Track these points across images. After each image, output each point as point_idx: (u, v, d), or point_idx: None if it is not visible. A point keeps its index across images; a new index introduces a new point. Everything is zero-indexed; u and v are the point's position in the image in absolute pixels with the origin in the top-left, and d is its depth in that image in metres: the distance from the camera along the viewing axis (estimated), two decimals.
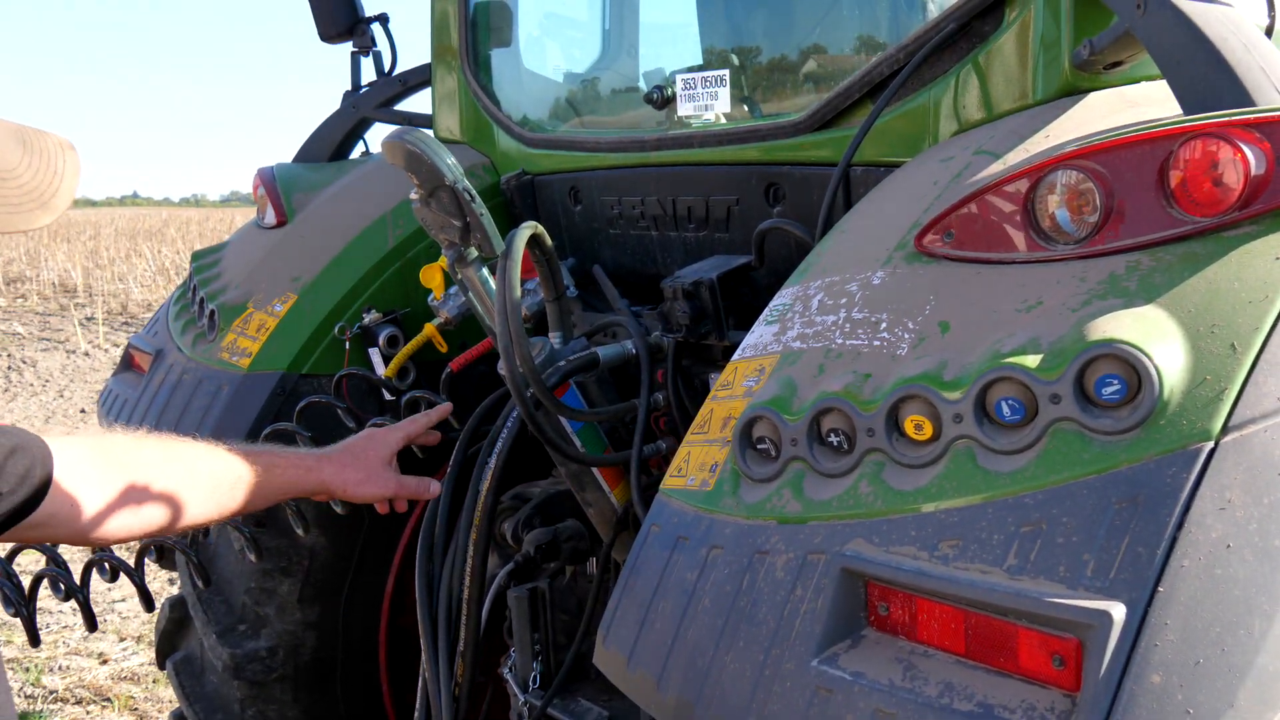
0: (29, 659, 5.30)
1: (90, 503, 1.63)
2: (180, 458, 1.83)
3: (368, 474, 2.07)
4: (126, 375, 3.11)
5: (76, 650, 5.47)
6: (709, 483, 1.48)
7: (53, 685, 5.09)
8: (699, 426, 1.58)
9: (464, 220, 2.04)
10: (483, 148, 3.06)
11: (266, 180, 3.08)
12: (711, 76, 2.33)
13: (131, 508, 1.69)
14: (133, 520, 1.70)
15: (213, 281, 2.97)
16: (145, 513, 1.72)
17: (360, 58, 3.26)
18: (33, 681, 5.08)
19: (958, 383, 1.27)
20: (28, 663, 5.27)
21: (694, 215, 2.44)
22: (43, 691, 5.04)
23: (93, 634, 5.47)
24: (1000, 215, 1.43)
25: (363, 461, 2.07)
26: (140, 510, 1.71)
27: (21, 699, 4.97)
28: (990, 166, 1.53)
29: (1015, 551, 1.14)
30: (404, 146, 2.00)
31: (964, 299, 1.38)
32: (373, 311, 2.77)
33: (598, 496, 2.37)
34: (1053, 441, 1.19)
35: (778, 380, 1.47)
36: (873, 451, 1.32)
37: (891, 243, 1.53)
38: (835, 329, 1.47)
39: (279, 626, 2.92)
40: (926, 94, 1.95)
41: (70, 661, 5.31)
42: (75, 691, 5.03)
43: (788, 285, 1.67)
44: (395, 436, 2.14)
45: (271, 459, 1.97)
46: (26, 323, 16.75)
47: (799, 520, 1.33)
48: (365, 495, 2.08)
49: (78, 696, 4.99)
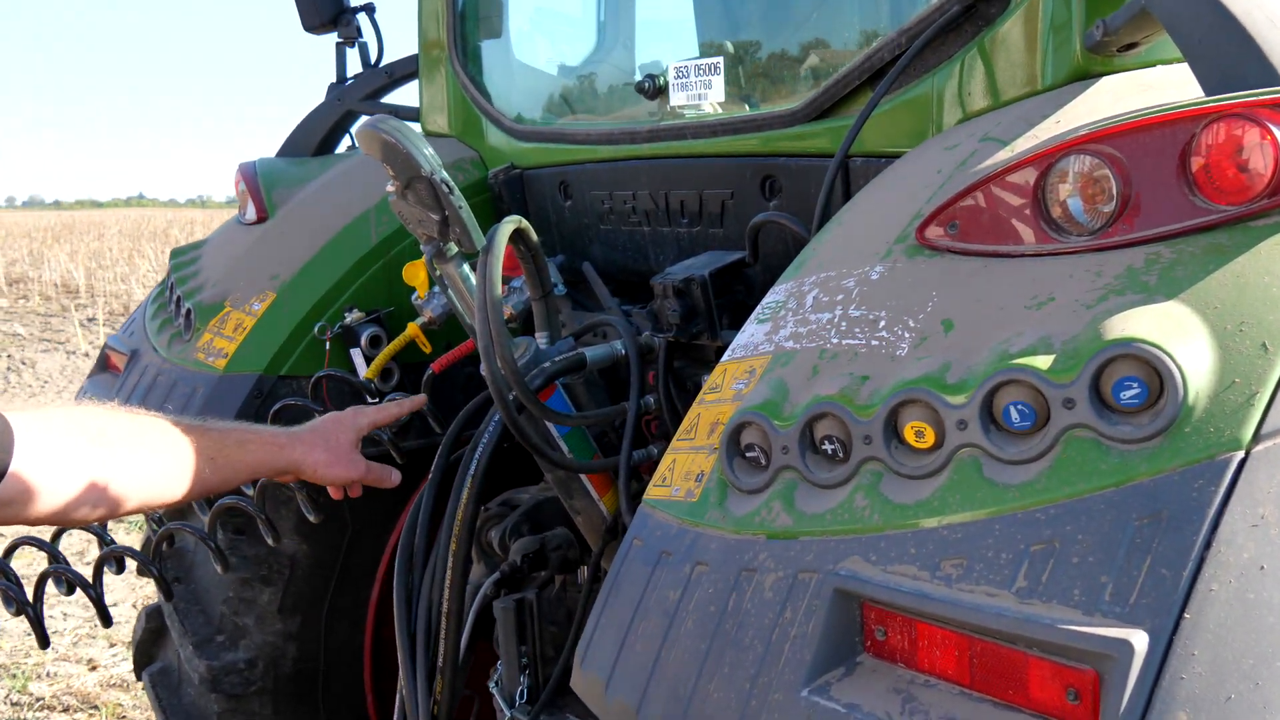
0: (16, 665, 5.21)
1: (59, 479, 1.56)
2: (152, 431, 1.77)
3: (335, 456, 2.02)
4: (102, 376, 3.01)
5: (66, 656, 5.37)
6: (694, 493, 1.38)
7: (40, 692, 4.99)
8: (685, 432, 1.48)
9: (442, 213, 1.94)
10: (471, 141, 2.96)
11: (247, 175, 2.99)
12: (705, 65, 2.23)
13: (103, 483, 1.62)
14: (103, 497, 1.63)
15: (190, 280, 2.88)
16: (117, 488, 1.65)
17: (345, 49, 3.17)
18: (19, 689, 4.99)
19: (962, 386, 1.17)
20: (15, 669, 5.18)
21: (687, 210, 2.34)
22: (29, 699, 4.95)
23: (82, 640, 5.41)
24: (1008, 205, 1.32)
25: (331, 443, 2.02)
26: (112, 486, 1.64)
27: (7, 706, 4.88)
28: (997, 154, 1.42)
29: (1025, 572, 1.04)
30: (378, 136, 1.90)
31: (969, 295, 1.28)
32: (355, 311, 2.67)
33: (586, 504, 2.27)
34: (1066, 450, 1.09)
35: (768, 383, 1.37)
36: (870, 461, 1.22)
37: (891, 235, 1.43)
38: (830, 328, 1.37)
39: (258, 637, 2.83)
40: (929, 80, 1.85)
41: (59, 668, 5.22)
42: (63, 699, 4.95)
43: (781, 281, 1.56)
44: (363, 420, 2.09)
45: (243, 435, 1.93)
46: (27, 323, 16.69)
47: (789, 535, 1.22)
48: (332, 477, 2.03)
49: (65, 704, 4.91)
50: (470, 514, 2.04)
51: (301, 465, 1.98)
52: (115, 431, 1.69)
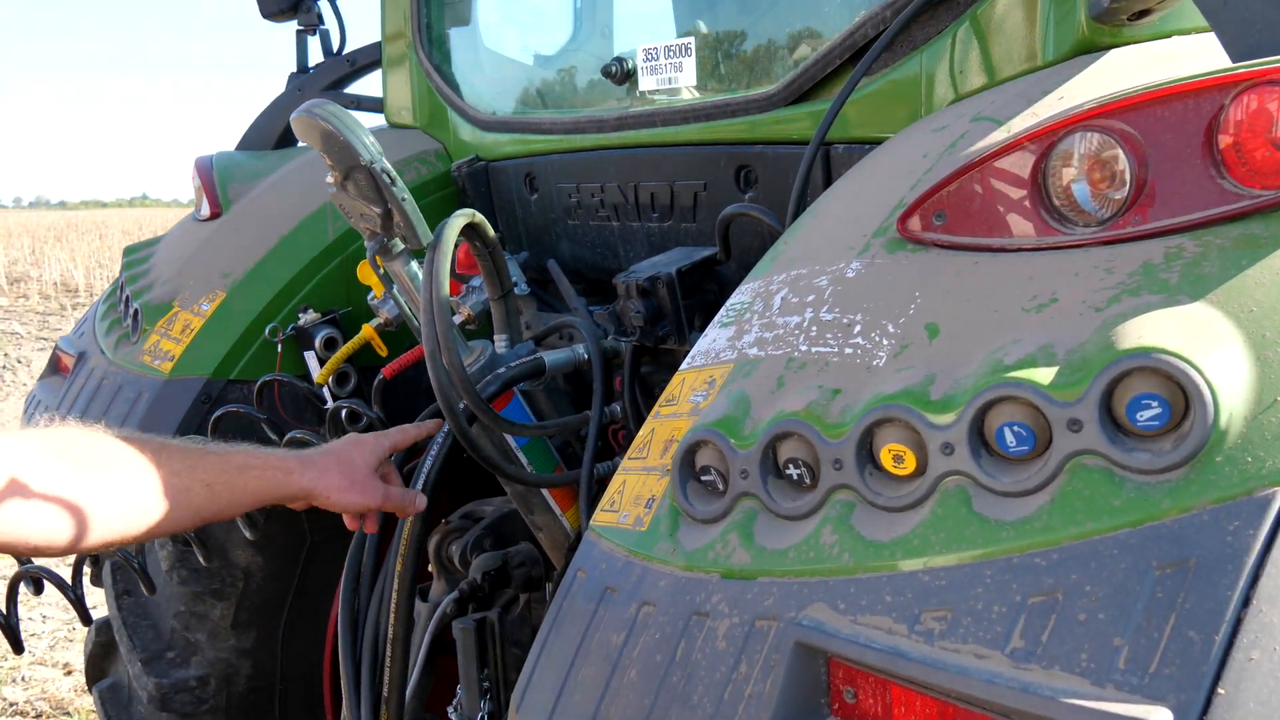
0: None
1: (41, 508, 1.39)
2: (139, 455, 1.58)
3: (353, 480, 1.81)
4: (52, 379, 2.84)
5: (42, 660, 5.25)
6: (644, 521, 1.20)
7: (13, 697, 4.86)
8: (637, 450, 1.31)
9: (385, 206, 1.77)
10: (436, 133, 2.79)
11: (202, 169, 2.82)
12: (676, 46, 2.06)
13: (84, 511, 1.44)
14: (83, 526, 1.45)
15: (140, 278, 2.71)
16: (99, 517, 1.46)
17: (306, 37, 3.00)
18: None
19: (948, 402, 0.99)
20: None
21: (657, 203, 2.16)
22: (2, 704, 4.82)
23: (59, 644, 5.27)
24: (1003, 191, 1.15)
25: (348, 467, 1.82)
26: (94, 514, 1.46)
27: None
28: (991, 134, 1.24)
29: (1021, 630, 0.86)
30: (314, 122, 1.73)
31: (957, 295, 1.10)
32: (309, 311, 2.51)
33: (547, 520, 2.10)
34: (1072, 481, 0.91)
35: (729, 396, 1.19)
36: (840, 489, 1.04)
37: (870, 228, 1.25)
38: (799, 333, 1.19)
39: (210, 654, 2.68)
40: (917, 58, 1.68)
41: (34, 672, 5.09)
42: (35, 704, 4.82)
43: (748, 280, 1.39)
44: (384, 443, 1.89)
45: (246, 459, 1.74)
46: (26, 322, 16.56)
47: (746, 575, 1.05)
48: (348, 504, 1.83)
49: (37, 710, 4.78)
50: (418, 532, 1.87)
51: (314, 491, 1.78)
52: (99, 455, 1.50)
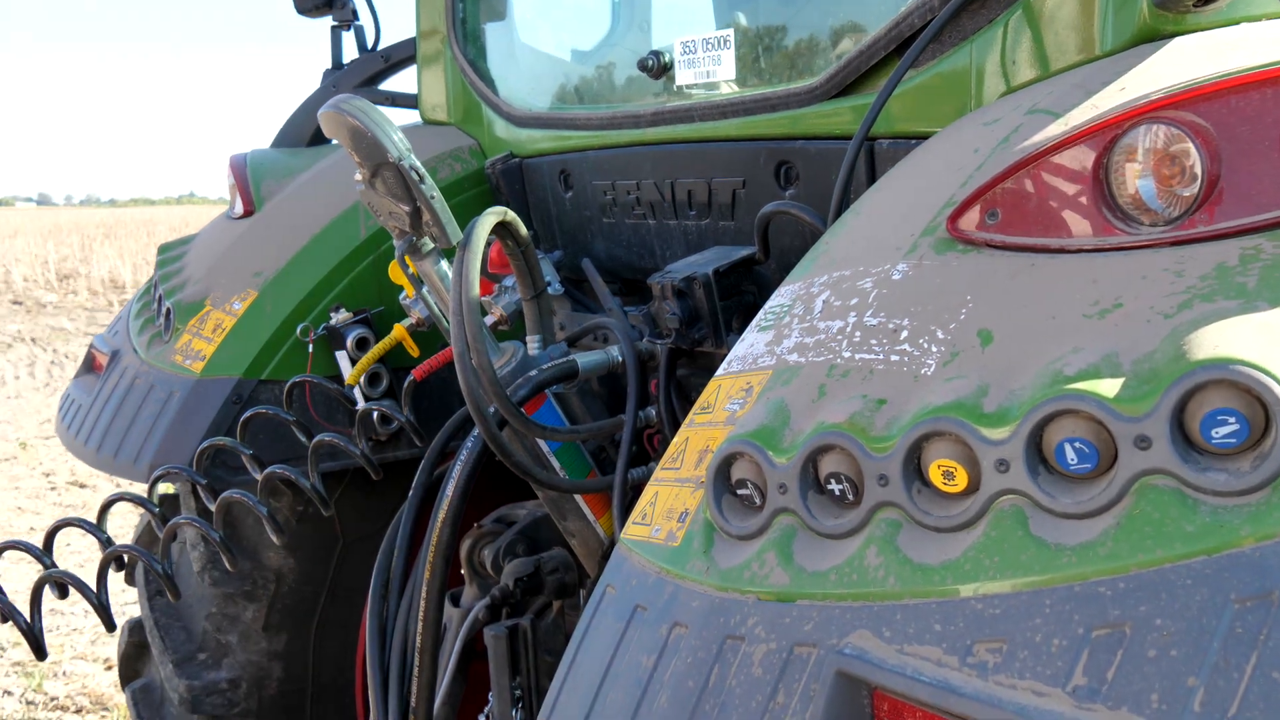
0: (34, 663, 5.11)
1: None
2: None
3: None
4: (86, 377, 2.83)
5: (83, 655, 5.29)
6: (676, 535, 1.14)
7: (55, 691, 4.91)
8: (671, 459, 1.25)
9: (413, 204, 1.72)
10: (471, 129, 2.75)
11: (236, 167, 2.79)
12: (714, 39, 1.99)
13: None
14: None
15: (173, 277, 2.68)
16: None
17: (341, 32, 2.96)
18: (34, 687, 4.90)
19: (1003, 415, 0.92)
20: (31, 667, 5.09)
21: (695, 200, 2.10)
22: (44, 698, 4.86)
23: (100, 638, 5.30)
24: (1062, 188, 1.08)
25: None
26: None
27: (21, 705, 4.78)
28: (1049, 127, 1.17)
29: (1084, 666, 0.79)
30: (342, 118, 1.68)
31: (1012, 299, 1.03)
32: (341, 310, 2.47)
33: (581, 526, 2.05)
34: (1140, 503, 0.84)
35: (767, 405, 1.13)
36: (886, 507, 0.97)
37: (918, 227, 1.18)
38: (842, 338, 1.13)
39: (242, 656, 2.65)
40: (967, 49, 1.60)
41: (75, 667, 5.13)
42: (76, 699, 4.86)
43: (788, 282, 1.32)
44: None
45: None
46: (74, 318, 16.80)
47: (785, 597, 0.98)
48: None
49: (78, 705, 4.82)
50: (446, 539, 1.82)
51: None
52: None
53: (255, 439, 2.35)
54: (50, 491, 7.46)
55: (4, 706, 4.72)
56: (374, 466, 2.02)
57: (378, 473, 2.03)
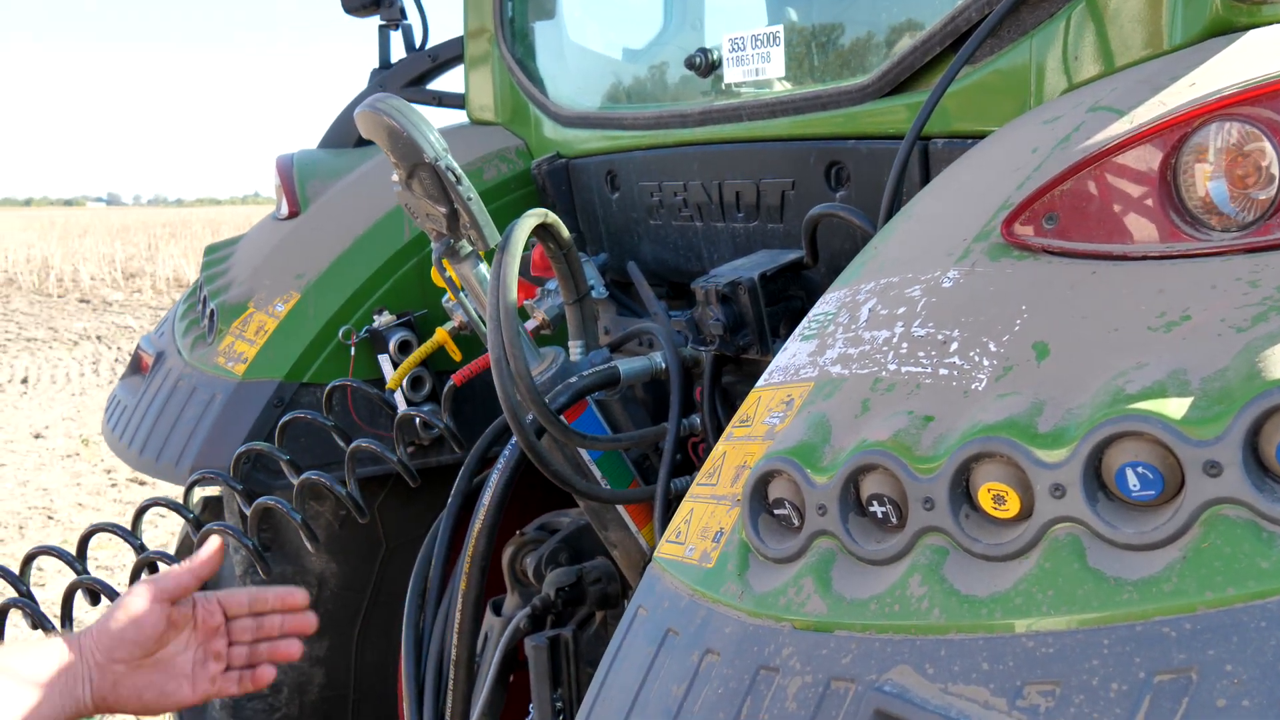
0: None
1: None
2: None
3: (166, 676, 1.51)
4: (132, 378, 2.83)
5: None
6: (710, 556, 1.08)
7: None
8: (707, 475, 1.19)
9: (450, 206, 1.68)
10: (518, 129, 2.71)
11: (282, 168, 2.78)
12: (763, 35, 1.93)
13: None
14: None
15: (218, 278, 2.68)
16: None
17: (389, 32, 2.94)
18: None
19: (1059, 436, 0.86)
20: None
21: (743, 202, 2.03)
22: None
23: None
24: (1126, 190, 1.00)
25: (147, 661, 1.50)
26: None
27: None
28: (1112, 125, 1.09)
29: (1146, 713, 0.72)
30: (378, 118, 1.65)
31: (1071, 310, 0.96)
32: (385, 313, 2.44)
33: (622, 537, 1.99)
34: (1209, 535, 0.77)
35: (807, 419, 1.07)
36: (931, 532, 0.91)
37: (970, 231, 1.12)
38: (888, 350, 1.06)
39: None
40: (1026, 44, 1.52)
41: None
42: None
43: (833, 288, 1.26)
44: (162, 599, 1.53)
45: None
46: (139, 316, 17.12)
47: (822, 627, 0.92)
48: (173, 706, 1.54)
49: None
50: (483, 550, 1.78)
51: None
52: None
53: (296, 443, 2.33)
54: (111, 488, 7.58)
55: None
56: (411, 474, 1.98)
57: (415, 480, 1.99)
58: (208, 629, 1.57)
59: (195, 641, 1.55)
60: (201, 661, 1.56)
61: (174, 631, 1.52)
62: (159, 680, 1.50)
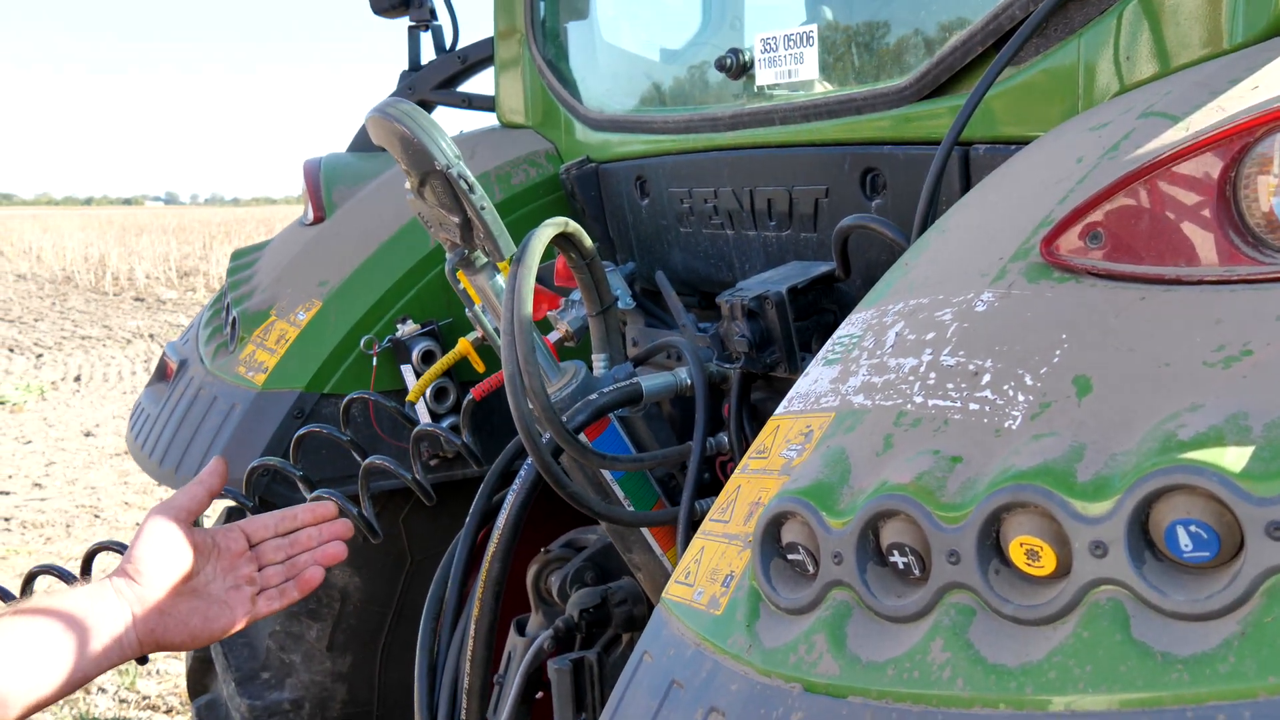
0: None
1: None
2: None
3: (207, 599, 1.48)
4: (157, 385, 2.81)
5: (177, 655, 5.34)
6: (719, 602, 1.00)
7: (147, 690, 4.97)
8: (719, 511, 1.10)
9: (463, 215, 1.61)
10: (549, 133, 2.64)
11: (310, 172, 2.73)
12: (796, 35, 1.84)
13: None
14: None
15: (242, 285, 2.64)
16: None
17: (419, 33, 2.88)
18: (128, 685, 4.97)
19: (1102, 486, 0.76)
20: (127, 666, 5.16)
21: (775, 210, 1.94)
22: (136, 697, 4.92)
23: None
24: (1180, 206, 0.90)
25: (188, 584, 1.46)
26: None
27: (114, 703, 4.85)
28: (1165, 133, 0.99)
29: None
30: (386, 122, 1.58)
31: (1117, 340, 0.87)
32: (408, 322, 2.38)
33: (647, 560, 1.91)
34: (1273, 608, 0.67)
35: (825, 454, 0.98)
36: (956, 589, 0.82)
37: (1007, 249, 1.02)
38: (914, 379, 0.97)
39: (305, 676, 2.59)
40: (1074, 43, 1.42)
41: (169, 666, 5.19)
42: (167, 699, 4.91)
43: (860, 308, 1.17)
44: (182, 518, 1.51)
45: None
46: (191, 314, 17.34)
47: (834, 691, 0.83)
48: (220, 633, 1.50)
49: (169, 705, 4.87)
50: (497, 574, 1.71)
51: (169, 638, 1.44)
52: None
53: (317, 455, 2.28)
54: (158, 488, 7.63)
55: (97, 703, 4.79)
56: (425, 492, 1.91)
57: (430, 498, 1.92)
58: (232, 555, 1.53)
59: (222, 570, 1.51)
60: (235, 587, 1.52)
61: (201, 558, 1.48)
62: (200, 607, 1.46)
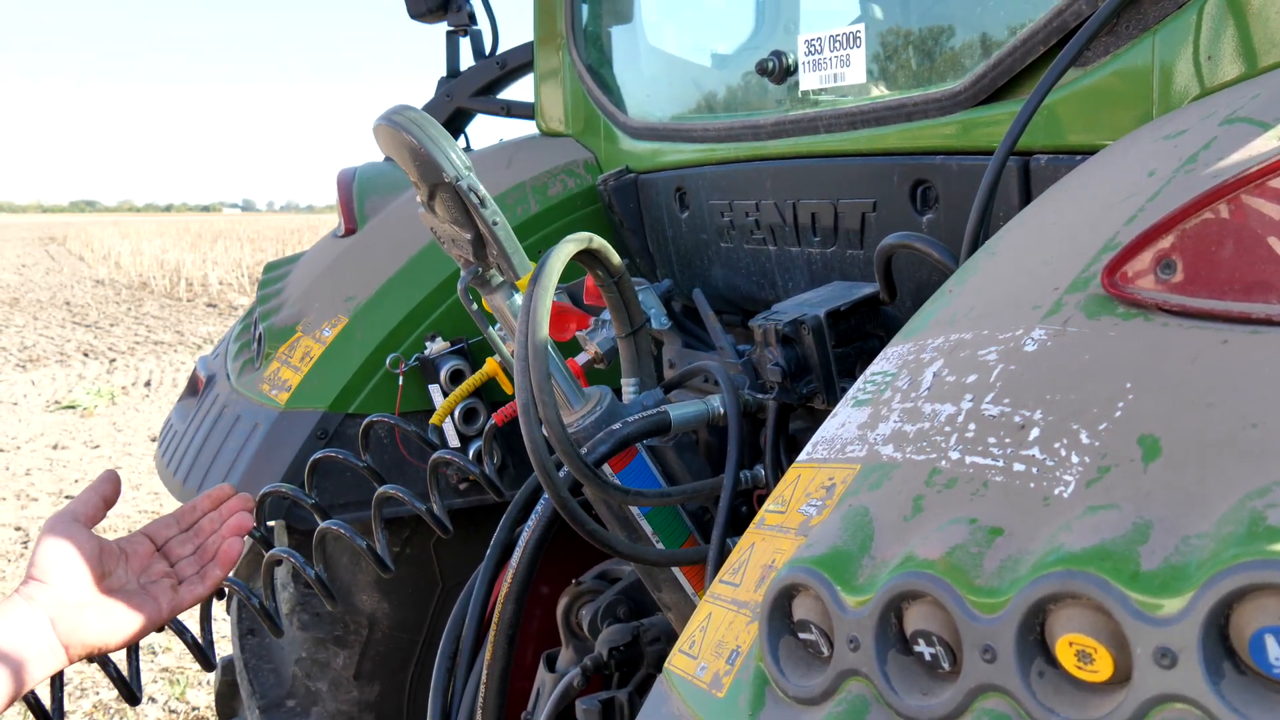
0: (180, 670, 5.19)
1: None
2: None
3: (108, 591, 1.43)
4: (187, 401, 2.74)
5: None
6: (722, 682, 0.87)
7: (196, 701, 4.95)
8: (730, 572, 0.97)
9: (475, 231, 1.50)
10: (589, 141, 2.52)
11: (343, 183, 2.65)
12: (842, 36, 1.70)
13: None
14: None
15: (271, 299, 2.56)
16: None
17: (457, 38, 2.79)
18: (178, 695, 4.95)
19: (1172, 578, 0.62)
20: (178, 675, 5.16)
21: (819, 224, 1.80)
22: (185, 707, 4.90)
23: None
24: (1272, 228, 0.76)
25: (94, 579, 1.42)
26: None
27: (164, 713, 4.84)
28: (1253, 142, 0.84)
29: None
30: (393, 131, 1.47)
31: (1193, 393, 0.72)
32: (437, 340, 2.28)
33: (677, 599, 1.78)
34: None
35: (846, 515, 0.84)
36: (992, 692, 0.68)
37: (1064, 278, 0.88)
38: (951, 431, 0.83)
39: (331, 705, 2.50)
40: (1148, 41, 1.27)
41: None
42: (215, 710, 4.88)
43: (897, 341, 1.03)
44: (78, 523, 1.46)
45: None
46: None
47: None
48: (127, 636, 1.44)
49: None
50: (510, 616, 1.59)
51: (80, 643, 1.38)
52: None
53: (341, 479, 2.18)
54: None
55: (147, 713, 4.78)
56: (440, 524, 1.80)
57: (446, 531, 1.81)
58: (140, 557, 1.53)
59: (134, 571, 1.51)
60: (153, 582, 1.51)
61: (110, 559, 1.46)
62: (120, 602, 1.44)
